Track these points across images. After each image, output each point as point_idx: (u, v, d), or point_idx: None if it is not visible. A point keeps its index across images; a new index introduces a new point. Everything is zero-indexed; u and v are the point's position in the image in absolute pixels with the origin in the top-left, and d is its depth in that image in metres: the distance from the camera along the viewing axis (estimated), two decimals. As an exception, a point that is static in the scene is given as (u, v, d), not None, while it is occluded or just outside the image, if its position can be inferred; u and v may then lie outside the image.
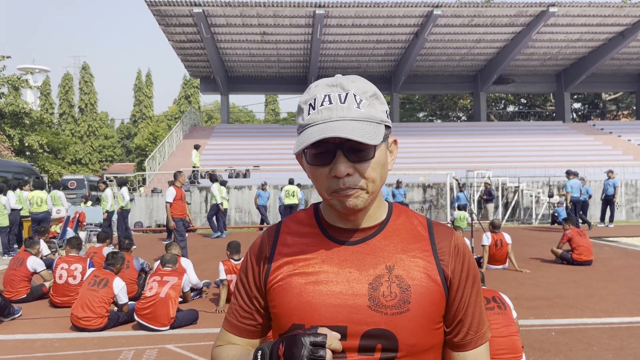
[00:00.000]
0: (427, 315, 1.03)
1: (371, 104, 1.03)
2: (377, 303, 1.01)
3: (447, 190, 18.97)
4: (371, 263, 1.05)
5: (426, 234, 1.11)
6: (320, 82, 1.05)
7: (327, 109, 1.00)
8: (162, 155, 23.84)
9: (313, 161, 1.02)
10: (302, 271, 1.06)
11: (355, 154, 0.99)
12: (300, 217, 1.17)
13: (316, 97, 1.02)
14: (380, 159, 1.03)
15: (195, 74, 30.15)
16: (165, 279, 5.47)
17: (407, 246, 1.08)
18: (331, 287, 1.03)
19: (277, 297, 1.07)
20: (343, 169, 0.98)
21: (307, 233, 1.12)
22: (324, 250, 1.08)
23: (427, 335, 1.04)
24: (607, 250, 10.87)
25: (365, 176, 1.01)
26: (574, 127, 29.13)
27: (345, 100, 1.00)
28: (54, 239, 11.34)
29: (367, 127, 0.99)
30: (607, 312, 5.84)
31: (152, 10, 20.83)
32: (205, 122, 55.44)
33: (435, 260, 1.07)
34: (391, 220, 1.12)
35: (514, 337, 3.67)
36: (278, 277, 1.08)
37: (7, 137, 27.04)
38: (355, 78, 1.05)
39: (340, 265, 1.05)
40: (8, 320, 5.89)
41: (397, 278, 1.03)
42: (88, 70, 50.33)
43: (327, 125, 0.98)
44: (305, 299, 1.03)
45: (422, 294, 1.03)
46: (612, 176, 16.32)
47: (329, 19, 22.14)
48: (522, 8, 21.45)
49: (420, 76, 30.70)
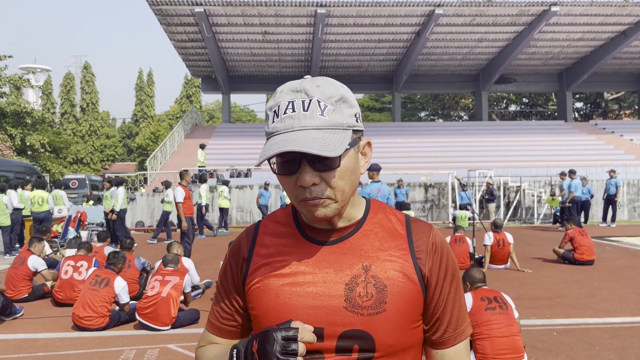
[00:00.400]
0: (404, 315, 1.02)
1: (337, 109, 1.00)
2: (354, 304, 1.00)
3: (448, 189, 18.95)
4: (348, 263, 1.04)
5: (404, 231, 1.10)
6: (285, 86, 1.03)
7: (289, 118, 0.98)
8: (164, 154, 23.85)
9: (280, 170, 1.01)
10: (279, 272, 1.05)
11: (321, 163, 0.98)
12: (279, 216, 1.16)
13: (280, 104, 1.00)
14: (348, 166, 1.01)
15: (197, 73, 30.16)
16: (167, 279, 5.47)
17: (384, 245, 1.07)
18: (308, 289, 1.02)
19: (255, 299, 1.07)
20: (308, 179, 0.97)
21: (285, 233, 1.11)
22: (301, 251, 1.07)
23: (404, 335, 1.03)
24: (609, 250, 10.85)
25: (332, 185, 0.99)
26: (575, 127, 29.08)
27: (308, 107, 0.98)
28: (56, 239, 11.36)
29: (330, 136, 0.96)
30: (609, 312, 5.83)
31: (153, 9, 20.84)
32: (207, 121, 55.45)
33: (412, 258, 1.06)
34: (368, 218, 1.11)
35: (515, 337, 3.66)
36: (256, 279, 1.07)
37: (9, 137, 27.09)
38: (322, 82, 1.02)
39: (317, 266, 1.04)
40: (10, 320, 5.89)
41: (373, 278, 1.02)
42: (89, 69, 50.38)
43: (289, 135, 0.96)
44: (282, 301, 1.03)
45: (398, 293, 1.02)
46: (614, 176, 16.30)
47: (331, 18, 22.13)
48: (524, 7, 21.42)
49: (422, 75, 30.68)
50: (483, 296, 3.88)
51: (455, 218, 14.91)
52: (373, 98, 50.99)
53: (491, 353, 3.59)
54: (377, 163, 8.17)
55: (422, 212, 19.28)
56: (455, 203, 17.97)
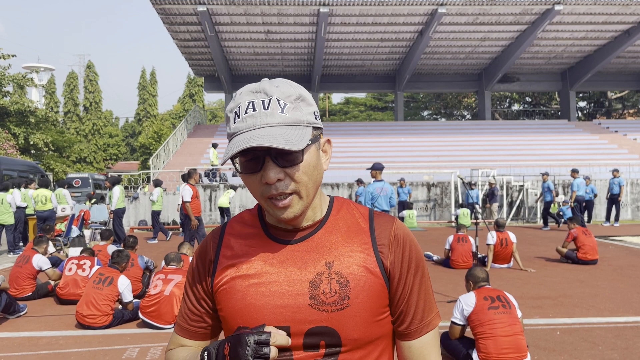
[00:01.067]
0: (368, 309, 1.03)
1: (296, 107, 1.02)
2: (318, 301, 1.02)
3: (451, 189, 18.93)
4: (312, 261, 1.05)
5: (367, 226, 1.11)
6: (244, 88, 1.05)
7: (250, 117, 0.99)
8: (167, 153, 23.90)
9: (244, 169, 1.02)
10: (245, 273, 1.06)
11: (284, 159, 0.99)
12: (245, 217, 1.17)
13: (240, 105, 1.02)
14: (310, 162, 1.03)
15: (200, 72, 30.18)
16: (170, 277, 5.48)
17: (347, 240, 1.08)
18: (273, 288, 1.03)
19: (222, 300, 1.07)
20: (273, 175, 0.98)
21: (250, 234, 1.12)
22: (266, 251, 1.08)
23: (370, 328, 1.04)
24: (612, 250, 10.83)
25: (296, 179, 1.01)
26: (579, 126, 29.01)
27: (268, 106, 1.00)
28: (59, 237, 11.38)
29: (292, 132, 0.98)
30: (613, 312, 5.82)
31: (156, 8, 20.86)
32: (209, 120, 55.51)
33: (374, 252, 1.07)
34: (332, 215, 1.12)
35: (518, 336, 3.66)
36: (223, 280, 1.08)
37: (13, 136, 27.15)
38: (279, 82, 1.04)
39: (281, 265, 1.05)
40: (14, 318, 5.91)
41: (336, 274, 1.04)
42: (93, 68, 50.50)
43: (251, 133, 0.97)
44: (248, 302, 1.03)
45: (361, 288, 1.03)
46: (617, 175, 16.26)
47: (333, 18, 22.11)
48: (527, 6, 21.36)
49: (425, 74, 30.64)
50: (486, 295, 3.87)
51: (457, 217, 14.90)
52: (376, 97, 50.98)
53: (494, 352, 3.59)
54: (380, 162, 8.18)
55: (425, 211, 19.26)
56: (458, 202, 17.94)
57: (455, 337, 4.01)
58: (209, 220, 18.23)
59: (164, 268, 5.77)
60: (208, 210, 18.53)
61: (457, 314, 3.95)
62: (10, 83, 28.33)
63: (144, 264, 7.19)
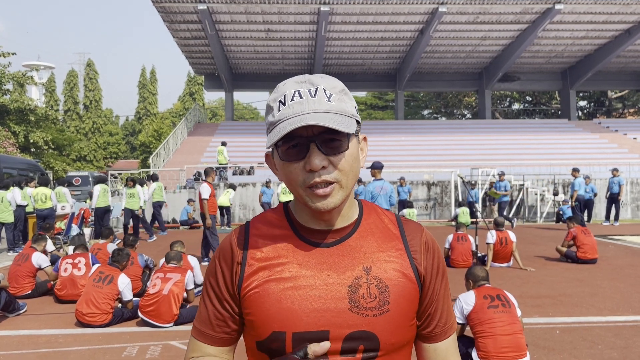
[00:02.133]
0: (405, 313, 1.05)
1: (341, 99, 1.02)
2: (358, 305, 1.01)
3: (451, 188, 18.93)
4: (348, 265, 1.04)
5: (397, 232, 1.12)
6: (288, 80, 1.04)
7: (298, 103, 0.99)
8: (167, 152, 23.90)
9: (285, 157, 1.01)
10: (279, 276, 1.03)
11: (329, 147, 0.98)
12: (270, 218, 1.13)
13: (286, 94, 1.01)
14: (353, 152, 1.02)
15: (200, 71, 30.17)
16: (169, 276, 5.48)
17: (382, 245, 1.08)
18: (310, 292, 1.01)
19: (253, 305, 1.04)
20: (318, 162, 0.97)
21: (280, 235, 1.09)
22: (299, 254, 1.06)
23: (405, 332, 1.05)
24: (612, 249, 10.83)
25: (340, 168, 1.00)
26: (579, 125, 29.01)
27: (315, 94, 1.00)
28: (59, 236, 11.38)
29: (340, 118, 0.98)
30: (612, 311, 5.82)
31: (156, 7, 20.85)
32: (210, 119, 55.48)
33: (408, 258, 1.08)
34: (363, 219, 1.12)
35: (518, 335, 3.66)
36: (253, 284, 1.04)
37: (13, 134, 27.13)
38: (324, 75, 1.05)
39: (317, 269, 1.04)
40: (13, 316, 5.91)
41: (375, 279, 1.03)
42: (93, 67, 50.47)
43: (301, 117, 0.96)
44: (285, 306, 1.00)
45: (399, 293, 1.04)
46: (617, 174, 16.26)
47: (334, 16, 22.10)
48: (527, 5, 21.35)
49: (425, 73, 30.63)
50: (486, 294, 3.87)
51: (456, 216, 14.90)
52: (376, 96, 50.94)
53: (494, 351, 3.58)
54: (380, 161, 8.18)
55: (425, 210, 19.26)
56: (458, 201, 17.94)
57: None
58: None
59: (164, 266, 5.77)
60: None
61: (456, 312, 3.94)
62: (11, 81, 28.31)
63: (143, 262, 7.19)
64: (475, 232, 8.72)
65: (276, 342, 1.00)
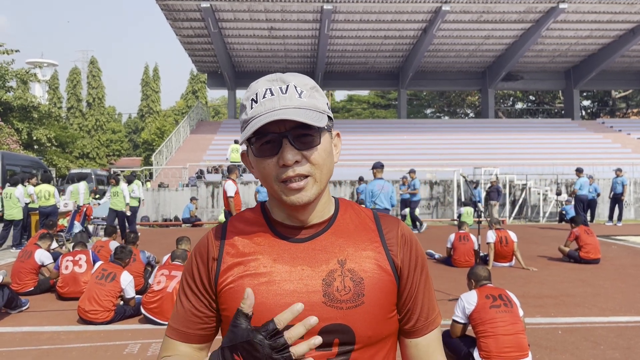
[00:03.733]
0: (381, 306, 1.04)
1: (312, 95, 1.03)
2: (332, 298, 1.01)
3: (454, 187, 18.90)
4: (323, 259, 1.05)
5: (374, 225, 1.12)
6: (260, 79, 1.06)
7: (269, 100, 1.00)
8: (169, 149, 23.92)
9: (259, 153, 1.02)
10: (254, 272, 1.04)
11: (301, 142, 1.00)
12: (247, 216, 1.15)
13: (257, 92, 1.03)
14: (326, 147, 1.04)
15: (203, 69, 30.20)
16: (174, 274, 5.48)
17: (357, 239, 1.09)
18: (285, 286, 1.02)
19: (229, 300, 1.04)
20: (291, 157, 0.98)
21: (256, 232, 1.10)
22: (274, 249, 1.06)
23: (382, 325, 1.05)
24: (615, 249, 10.80)
25: (313, 162, 1.01)
26: (583, 125, 28.94)
27: (286, 91, 1.01)
28: (62, 233, 11.41)
29: (311, 114, 1.00)
30: (614, 311, 5.81)
31: (160, 4, 20.86)
32: (212, 117, 55.51)
33: (384, 250, 1.08)
34: (339, 215, 1.12)
35: (520, 335, 3.65)
36: (229, 279, 1.05)
37: (16, 131, 27.19)
38: (295, 73, 1.06)
39: (292, 264, 1.04)
40: (16, 313, 5.92)
41: (349, 272, 1.03)
42: (96, 64, 50.50)
43: (272, 113, 0.98)
44: (259, 300, 1.00)
45: (375, 285, 1.04)
46: (620, 174, 16.21)
47: (337, 15, 22.08)
48: (531, 4, 21.29)
49: (428, 72, 30.59)
50: (488, 294, 3.86)
51: (460, 215, 14.87)
52: (379, 95, 50.89)
53: (495, 351, 3.58)
54: (380, 161, 8.19)
55: (427, 209, 19.24)
56: (461, 200, 17.92)
57: (456, 335, 4.00)
58: (211, 217, 18.24)
59: (168, 263, 5.77)
60: (210, 206, 18.55)
61: (458, 312, 3.94)
62: (14, 78, 28.38)
63: (145, 259, 7.20)
64: (477, 232, 8.70)
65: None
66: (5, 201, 11.48)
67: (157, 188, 18.95)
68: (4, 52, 26.90)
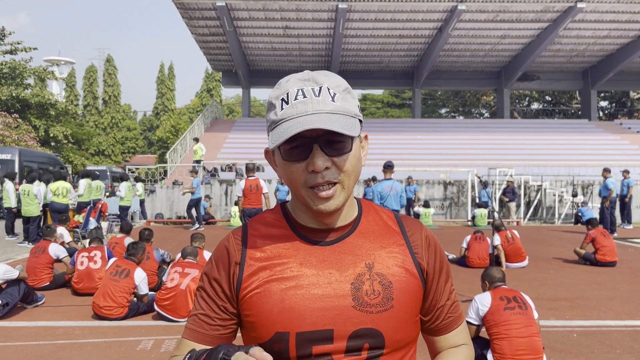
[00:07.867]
0: (409, 309, 1.04)
1: (344, 98, 1.01)
2: (361, 302, 1.00)
3: (468, 187, 18.77)
4: (350, 262, 1.03)
5: (397, 228, 1.11)
6: (291, 76, 1.03)
7: (302, 103, 0.97)
8: (184, 147, 24.06)
9: (288, 157, 0.99)
10: (281, 276, 1.01)
11: (333, 148, 0.98)
12: (268, 218, 1.12)
13: (289, 92, 0.99)
14: (356, 153, 1.03)
15: (218, 67, 30.31)
16: (187, 271, 5.51)
17: (383, 242, 1.08)
18: (313, 291, 1.00)
19: (254, 306, 1.01)
20: (321, 163, 0.96)
21: (279, 235, 1.07)
22: (300, 253, 1.04)
23: (409, 329, 1.05)
24: (631, 252, 10.66)
25: (343, 169, 0.99)
26: (600, 126, 28.57)
27: (319, 93, 0.98)
28: (77, 229, 11.52)
29: (345, 120, 0.97)
30: (630, 315, 5.72)
31: (175, 3, 20.97)
32: (227, 115, 55.72)
33: (410, 253, 1.08)
34: (363, 217, 1.11)
35: (534, 338, 3.61)
36: (254, 284, 1.02)
37: (33, 128, 27.54)
38: (327, 73, 1.03)
39: (319, 267, 1.02)
40: (31, 307, 6.00)
41: (378, 275, 1.02)
42: (112, 62, 50.96)
43: (305, 118, 0.95)
44: (288, 305, 0.98)
45: (403, 289, 1.03)
46: (627, 176, 15.94)
47: (352, 13, 22.03)
48: (549, 4, 21.04)
49: (443, 72, 30.40)
50: (502, 295, 3.83)
51: (474, 217, 14.75)
52: (393, 94, 50.70)
53: (509, 353, 3.54)
54: (390, 160, 8.13)
55: (441, 209, 19.13)
56: (475, 201, 17.79)
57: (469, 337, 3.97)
58: (224, 215, 18.31)
59: (180, 260, 5.80)
60: (224, 204, 18.62)
61: (472, 313, 3.90)
62: (32, 76, 28.76)
63: (159, 257, 7.24)
64: (492, 233, 8.65)
65: (279, 342, 0.98)
66: (23, 198, 11.63)
67: (172, 185, 19.07)
68: (22, 50, 27.25)
